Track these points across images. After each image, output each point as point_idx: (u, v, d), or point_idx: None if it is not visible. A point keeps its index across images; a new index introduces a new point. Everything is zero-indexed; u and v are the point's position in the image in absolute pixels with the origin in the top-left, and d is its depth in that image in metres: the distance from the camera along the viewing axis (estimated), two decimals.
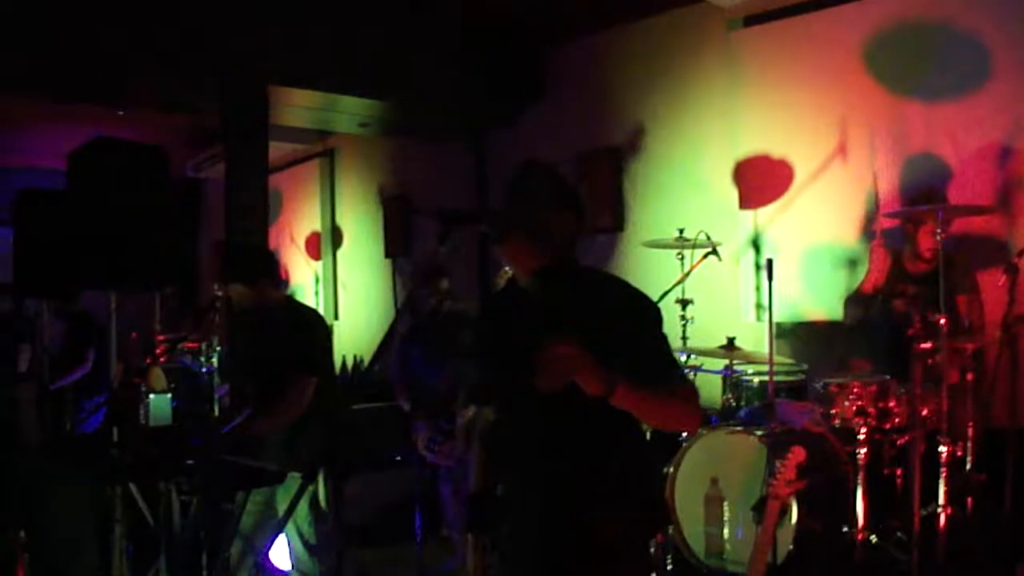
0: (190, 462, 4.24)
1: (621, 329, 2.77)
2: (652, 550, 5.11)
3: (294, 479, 4.68)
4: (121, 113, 8.89)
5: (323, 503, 4.93)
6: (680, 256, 6.33)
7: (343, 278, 11.19)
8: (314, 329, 5.04)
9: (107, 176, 5.23)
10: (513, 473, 3.02)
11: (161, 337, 9.34)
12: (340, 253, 11.30)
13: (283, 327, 4.90)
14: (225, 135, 7.90)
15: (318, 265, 11.49)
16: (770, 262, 5.08)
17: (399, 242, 10.27)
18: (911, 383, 4.71)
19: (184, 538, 4.52)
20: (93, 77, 7.13)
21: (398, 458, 6.63)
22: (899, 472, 5.13)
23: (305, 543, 4.85)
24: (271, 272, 5.17)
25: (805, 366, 5.95)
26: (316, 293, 11.33)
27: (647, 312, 2.88)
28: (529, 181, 2.91)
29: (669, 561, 5.18)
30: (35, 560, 4.93)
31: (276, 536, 4.88)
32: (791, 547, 4.84)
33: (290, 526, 4.81)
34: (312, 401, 4.77)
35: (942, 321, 4.69)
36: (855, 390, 5.02)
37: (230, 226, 7.63)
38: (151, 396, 6.89)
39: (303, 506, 4.81)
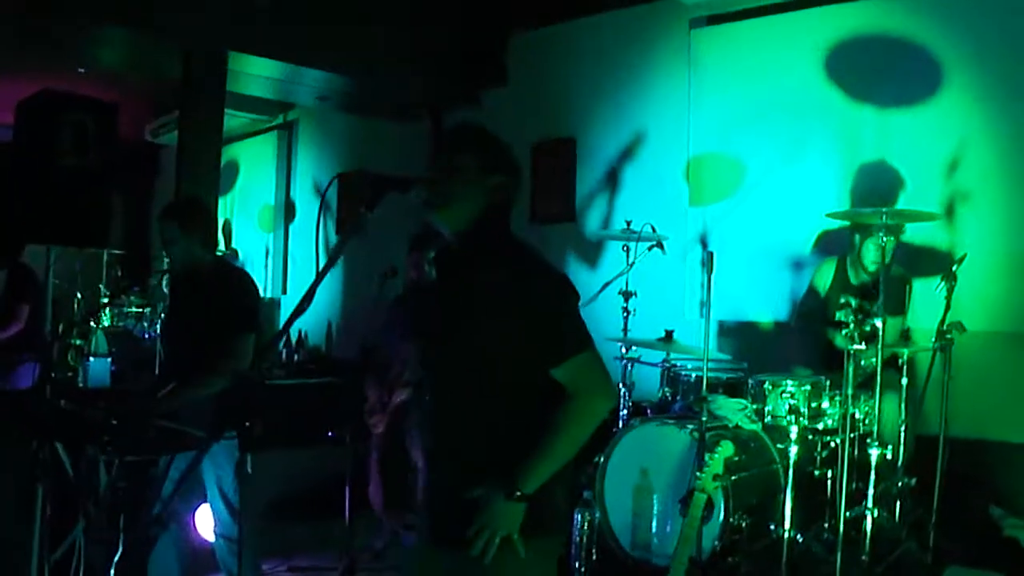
0: (114, 423, 4.19)
1: (522, 306, 2.75)
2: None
3: (218, 443, 4.65)
4: (82, 71, 8.75)
5: (249, 468, 4.86)
6: (626, 248, 6.31)
7: (293, 252, 11.09)
8: (248, 288, 4.96)
9: (53, 129, 5.16)
10: (420, 446, 3.00)
11: (106, 300, 9.29)
12: (292, 227, 11.20)
13: (217, 286, 4.81)
14: (182, 98, 7.80)
15: (269, 238, 11.38)
16: (711, 255, 5.07)
17: (352, 219, 10.16)
18: (844, 384, 4.71)
19: (105, 502, 4.45)
20: (52, 31, 7.01)
21: (330, 434, 6.57)
22: (829, 473, 5.15)
23: (231, 509, 4.78)
24: (208, 226, 5.05)
25: (744, 364, 5.94)
26: (265, 267, 11.22)
27: (551, 289, 2.84)
28: (460, 146, 2.87)
29: (595, 551, 5.15)
30: None
31: (201, 502, 4.83)
32: (716, 542, 4.85)
33: (215, 492, 4.74)
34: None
35: (878, 324, 4.71)
36: (789, 389, 5.02)
37: (180, 191, 7.53)
38: (91, 359, 6.84)
39: (230, 472, 4.74)
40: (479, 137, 2.91)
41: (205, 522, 4.91)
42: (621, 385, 6.03)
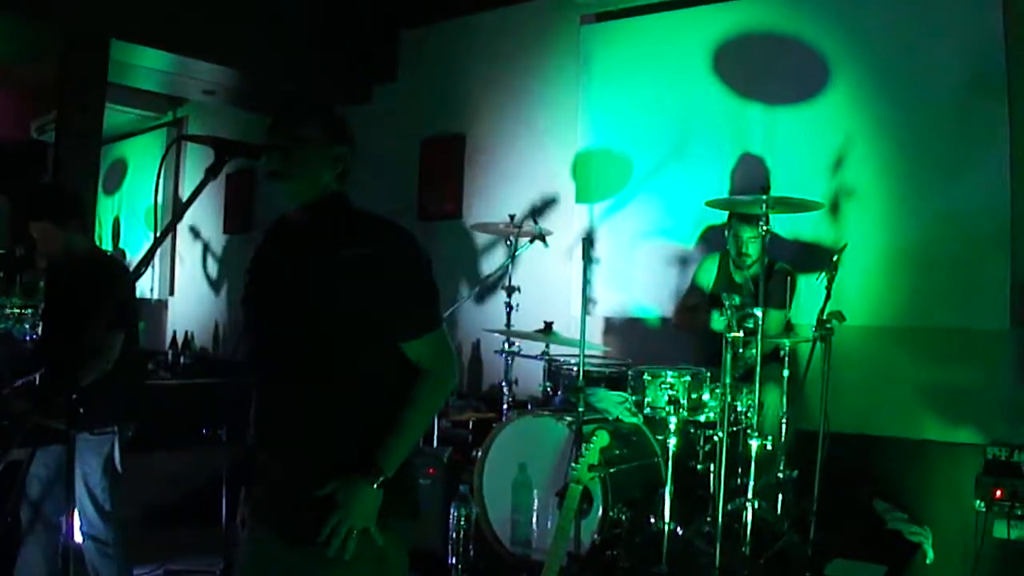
0: None
1: (382, 278, 2.67)
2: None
3: (85, 441, 4.49)
4: None
5: (119, 467, 4.70)
6: (509, 243, 6.27)
7: (181, 253, 10.86)
8: (120, 281, 4.80)
9: None
10: (257, 434, 2.87)
11: None
12: (180, 227, 10.96)
13: (90, 278, 4.65)
14: (60, 90, 7.55)
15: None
16: (586, 242, 5.05)
17: (240, 218, 10.00)
18: (722, 374, 4.69)
19: None
20: None
21: (204, 431, 6.43)
22: (711, 466, 5.12)
23: (99, 509, 4.61)
24: (80, 214, 4.88)
25: (629, 360, 5.91)
26: (152, 266, 10.97)
27: (409, 260, 2.76)
28: (304, 116, 2.78)
29: (472, 547, 5.07)
30: None
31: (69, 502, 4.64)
32: (596, 536, 4.80)
33: (83, 491, 4.56)
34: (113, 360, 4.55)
35: (758, 313, 4.71)
36: (669, 380, 4.98)
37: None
38: None
39: (95, 472, 4.57)
40: (321, 108, 2.84)
41: (75, 523, 4.72)
42: (503, 380, 5.99)
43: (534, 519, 5.05)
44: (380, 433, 2.67)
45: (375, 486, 2.62)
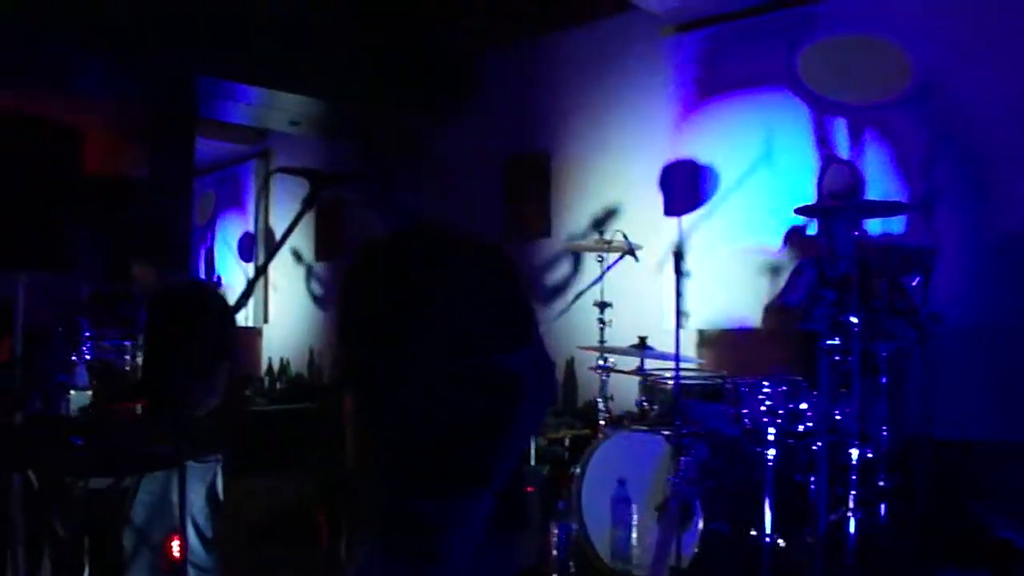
0: (78, 444, 4.12)
1: (479, 292, 2.69)
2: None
3: (191, 469, 4.58)
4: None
5: (220, 495, 4.79)
6: (600, 259, 6.28)
7: (274, 280, 11.02)
8: (222, 312, 4.91)
9: (14, 152, 5.11)
10: (360, 454, 2.89)
11: (88, 335, 9.22)
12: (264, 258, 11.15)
13: (192, 310, 4.76)
14: (151, 126, 7.75)
15: (250, 267, 11.33)
16: (677, 255, 5.02)
17: (331, 245, 10.14)
18: (820, 383, 4.63)
19: (72, 528, 4.38)
20: (27, 58, 6.96)
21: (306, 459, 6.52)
22: (811, 476, 5.06)
23: (201, 537, 4.70)
24: (176, 253, 5.03)
25: (724, 372, 5.87)
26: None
27: (510, 272, 2.79)
28: (388, 142, 2.82)
29: (572, 564, 5.07)
30: None
31: (171, 529, 4.74)
32: (696, 550, 4.77)
33: (185, 518, 4.65)
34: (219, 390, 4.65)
35: (854, 320, 4.64)
36: (766, 391, 4.94)
37: (151, 219, 7.46)
38: (71, 392, 6.77)
39: (199, 498, 4.66)
40: (408, 134, 2.90)
41: (177, 549, 4.81)
42: (598, 397, 5.99)
43: (634, 534, 5.03)
44: (484, 448, 2.68)
45: (481, 501, 2.63)
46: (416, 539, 2.67)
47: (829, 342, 4.66)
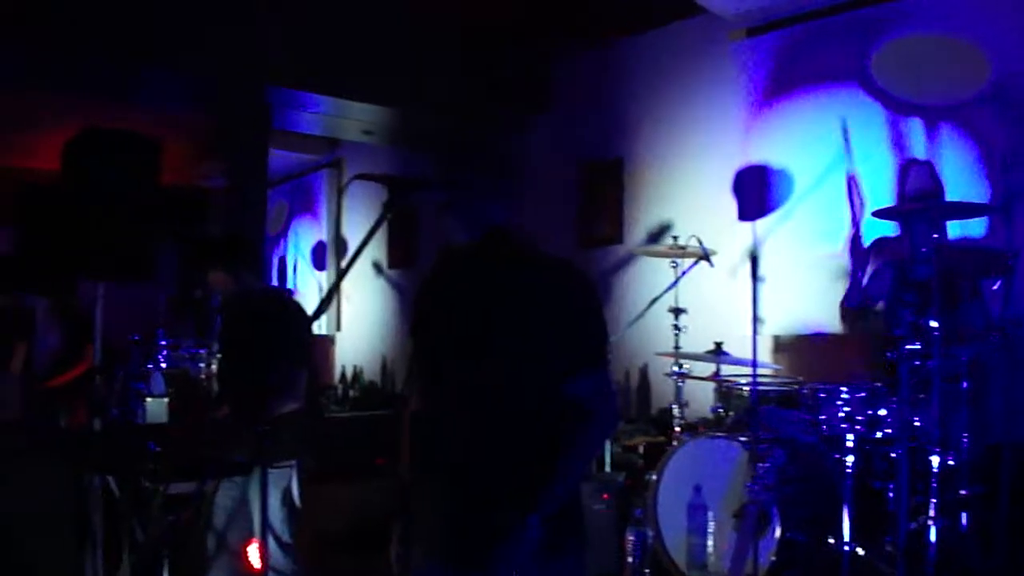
0: (158, 450, 4.18)
1: (554, 312, 2.66)
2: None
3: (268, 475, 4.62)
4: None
5: (296, 500, 4.83)
6: (674, 265, 6.25)
7: (347, 288, 11.11)
8: (299, 320, 4.96)
9: (96, 165, 5.21)
10: (426, 464, 2.88)
11: (164, 343, 9.37)
12: (344, 263, 11.23)
13: (269, 319, 4.82)
14: (225, 137, 7.85)
15: (322, 276, 11.43)
16: (754, 260, 4.98)
17: (403, 253, 10.20)
18: (900, 388, 4.55)
19: (152, 533, 4.44)
20: (89, 72, 7.08)
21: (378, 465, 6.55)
22: (891, 483, 4.98)
23: (278, 541, 4.74)
24: (252, 261, 5.09)
25: (801, 378, 5.81)
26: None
27: (587, 293, 2.77)
28: (467, 149, 2.81)
29: (648, 573, 5.04)
30: None
31: (249, 534, 4.79)
32: (773, 558, 4.72)
33: (262, 524, 4.69)
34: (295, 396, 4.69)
35: (934, 325, 4.56)
36: (844, 396, 4.87)
37: (227, 229, 7.56)
38: (148, 400, 6.88)
39: (275, 503, 4.71)
40: (486, 141, 2.86)
41: (255, 554, 4.86)
42: (673, 403, 5.96)
43: (710, 542, 5.00)
44: (539, 471, 2.64)
45: (528, 525, 2.59)
46: (467, 553, 2.67)
47: (909, 347, 4.57)
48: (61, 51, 6.56)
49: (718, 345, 5.56)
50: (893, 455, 4.76)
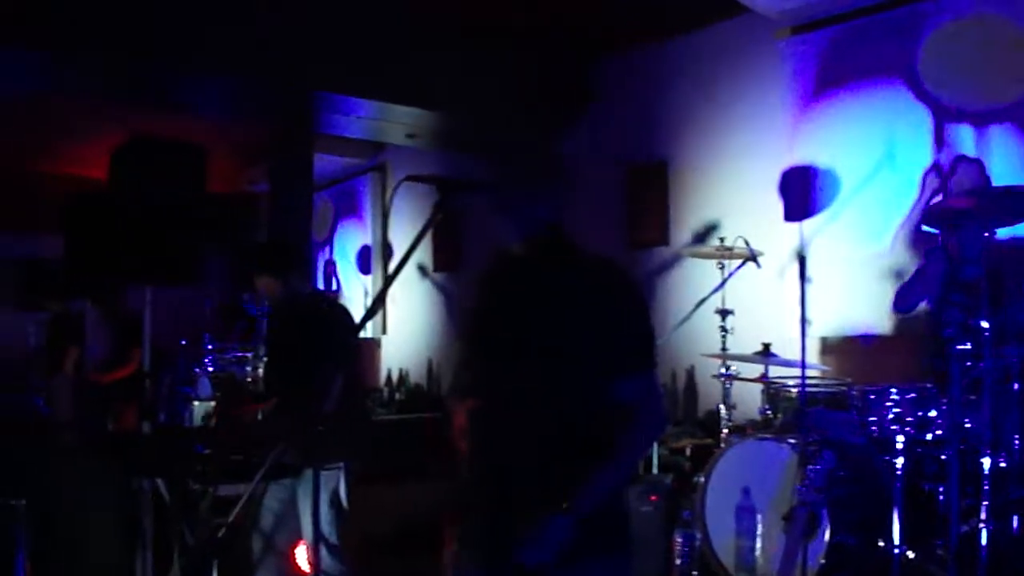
0: (206, 452, 4.22)
1: (602, 314, 2.65)
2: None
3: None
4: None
5: (344, 502, 4.86)
6: (721, 266, 6.23)
7: (392, 293, 11.14)
8: (341, 324, 4.98)
9: (142, 173, 5.28)
10: (478, 463, 2.88)
11: (211, 347, 9.45)
12: (390, 268, 11.27)
13: (311, 322, 4.87)
14: (270, 143, 7.91)
15: (368, 279, 11.48)
16: (802, 261, 4.95)
17: (449, 256, 10.21)
18: (951, 389, 4.50)
19: (201, 534, 4.48)
20: (136, 79, 7.15)
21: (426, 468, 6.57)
22: (941, 485, 4.93)
23: (326, 543, 4.77)
24: (299, 266, 5.14)
25: (849, 379, 5.76)
26: (365, 307, 11.31)
27: (634, 295, 2.77)
28: (516, 151, 2.81)
29: (696, 573, 5.02)
30: (44, 537, 4.89)
31: (296, 536, 4.82)
32: (823, 561, 4.68)
33: (312, 526, 4.72)
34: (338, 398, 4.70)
35: (985, 325, 4.50)
36: (894, 398, 4.82)
37: (273, 234, 7.62)
38: (195, 403, 6.95)
39: (323, 504, 4.73)
40: (535, 143, 2.88)
41: (303, 556, 4.89)
42: (720, 405, 5.93)
43: (758, 544, 4.96)
44: (580, 473, 2.62)
45: (561, 523, 2.58)
46: (505, 554, 2.65)
47: (959, 347, 4.52)
48: (108, 60, 6.64)
49: (766, 346, 5.52)
50: (943, 457, 4.70)
